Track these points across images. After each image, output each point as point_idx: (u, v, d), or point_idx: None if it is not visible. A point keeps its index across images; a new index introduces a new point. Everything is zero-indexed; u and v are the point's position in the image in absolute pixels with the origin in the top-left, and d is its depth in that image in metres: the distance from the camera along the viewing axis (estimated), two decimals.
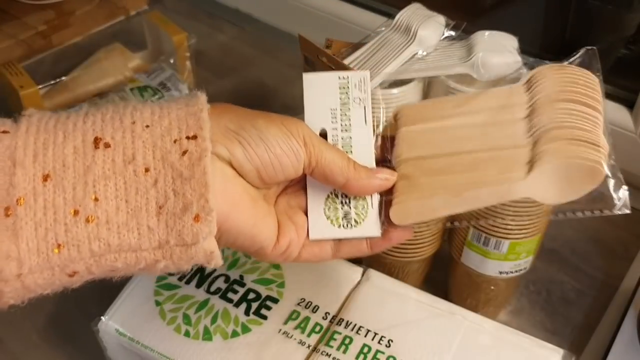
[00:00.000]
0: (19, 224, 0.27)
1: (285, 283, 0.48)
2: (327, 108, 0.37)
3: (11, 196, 0.27)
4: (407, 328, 0.45)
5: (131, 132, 0.29)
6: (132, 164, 0.28)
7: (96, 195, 0.28)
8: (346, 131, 0.36)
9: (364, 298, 0.47)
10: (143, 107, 0.30)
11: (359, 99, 0.37)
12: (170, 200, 0.29)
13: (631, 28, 0.73)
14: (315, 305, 0.46)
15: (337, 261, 0.50)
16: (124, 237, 0.28)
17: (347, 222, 0.36)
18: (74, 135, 0.29)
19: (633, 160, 0.69)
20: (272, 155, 0.32)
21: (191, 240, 0.29)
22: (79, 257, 0.28)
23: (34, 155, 0.28)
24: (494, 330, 0.45)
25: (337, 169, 0.34)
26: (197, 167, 0.29)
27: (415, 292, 0.47)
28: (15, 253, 0.27)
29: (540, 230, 0.49)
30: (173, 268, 0.30)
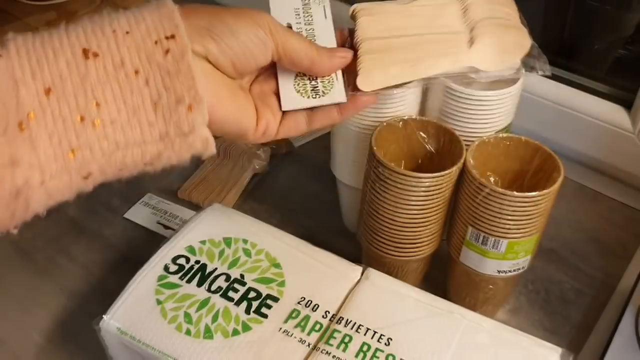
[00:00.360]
0: (34, 135, 0.29)
1: (285, 282, 0.48)
2: (290, 7, 0.42)
3: (21, 112, 0.29)
4: (407, 326, 0.45)
5: (115, 40, 0.31)
6: (123, 68, 0.31)
7: (97, 100, 0.30)
8: (309, 24, 0.41)
9: (364, 297, 0.47)
10: (119, 16, 0.32)
11: (317, 2, 0.42)
12: (163, 96, 0.31)
13: (629, 28, 0.73)
14: (315, 304, 0.46)
15: (337, 260, 0.50)
16: (129, 134, 0.31)
17: (315, 94, 0.39)
18: (62, 50, 0.31)
19: (631, 160, 0.69)
20: (243, 47, 0.35)
21: (188, 128, 0.32)
22: (92, 158, 0.31)
23: (31, 73, 0.30)
24: (493, 329, 0.45)
25: (302, 53, 0.37)
26: (181, 63, 0.32)
27: (414, 291, 0.48)
28: (36, 162, 0.29)
29: (538, 230, 0.49)
30: (175, 159, 0.33)
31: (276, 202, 0.69)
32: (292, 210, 0.68)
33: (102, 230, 0.67)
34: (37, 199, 0.30)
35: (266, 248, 0.51)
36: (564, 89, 0.72)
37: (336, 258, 0.50)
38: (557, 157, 0.49)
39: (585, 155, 0.72)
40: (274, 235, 0.52)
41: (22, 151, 0.29)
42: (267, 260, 0.50)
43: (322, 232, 0.66)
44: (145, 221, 0.67)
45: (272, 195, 0.71)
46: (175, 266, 0.49)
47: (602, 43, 0.77)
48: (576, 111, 0.71)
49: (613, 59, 0.77)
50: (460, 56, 0.39)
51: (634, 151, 0.68)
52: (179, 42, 0.32)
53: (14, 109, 0.29)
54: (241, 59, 0.35)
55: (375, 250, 0.53)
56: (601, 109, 0.70)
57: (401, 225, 0.50)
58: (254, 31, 0.35)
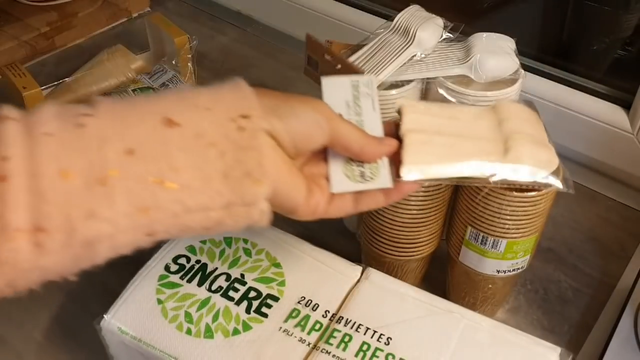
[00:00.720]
0: (113, 192, 0.31)
1: (285, 282, 0.48)
2: (342, 99, 0.45)
3: (104, 169, 0.31)
4: (406, 326, 0.45)
5: (196, 114, 0.34)
6: (201, 140, 0.34)
7: (174, 165, 0.33)
8: (358, 115, 0.44)
9: (364, 296, 0.47)
10: (200, 93, 0.36)
11: (367, 93, 0.45)
12: (235, 169, 0.34)
13: (628, 29, 0.73)
14: (315, 303, 0.47)
15: (337, 260, 0.50)
16: (198, 200, 0.33)
17: (362, 179, 0.42)
18: (147, 116, 0.33)
19: (630, 160, 0.69)
20: (304, 128, 0.38)
21: (251, 200, 0.35)
22: (160, 218, 0.33)
23: (117, 133, 0.32)
24: (492, 329, 0.45)
25: (353, 139, 0.40)
26: (253, 140, 0.35)
27: (414, 290, 0.48)
28: (110, 217, 0.31)
29: (537, 230, 0.49)
30: (232, 226, 0.36)
31: None
32: None
33: None
34: (103, 252, 0.32)
35: (266, 248, 0.51)
36: (563, 90, 0.73)
37: (336, 258, 0.50)
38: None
39: (584, 155, 0.73)
40: (274, 235, 0.52)
41: (99, 205, 0.31)
42: (267, 260, 0.50)
43: (322, 232, 0.66)
44: None
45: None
46: (176, 266, 0.49)
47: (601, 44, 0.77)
48: (575, 112, 0.71)
49: (612, 59, 0.77)
50: (496, 162, 0.42)
51: (632, 151, 0.69)
52: (253, 122, 0.35)
53: (97, 165, 0.31)
54: (301, 138, 0.38)
55: (375, 249, 0.54)
56: (600, 110, 0.70)
57: (401, 225, 0.51)
58: (313, 115, 0.39)
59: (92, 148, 0.31)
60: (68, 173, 0.30)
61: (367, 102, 0.45)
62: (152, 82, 0.76)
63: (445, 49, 0.56)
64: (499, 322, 0.46)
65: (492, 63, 0.53)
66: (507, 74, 0.53)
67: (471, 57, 0.53)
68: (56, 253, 0.31)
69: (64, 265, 0.32)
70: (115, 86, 0.80)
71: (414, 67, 0.54)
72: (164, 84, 0.76)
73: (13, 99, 0.75)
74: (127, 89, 0.74)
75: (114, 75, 0.81)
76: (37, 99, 0.72)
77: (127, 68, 0.82)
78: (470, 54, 0.54)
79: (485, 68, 0.53)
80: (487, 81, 0.53)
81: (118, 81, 0.81)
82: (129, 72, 0.82)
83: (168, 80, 0.76)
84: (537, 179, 0.43)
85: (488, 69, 0.53)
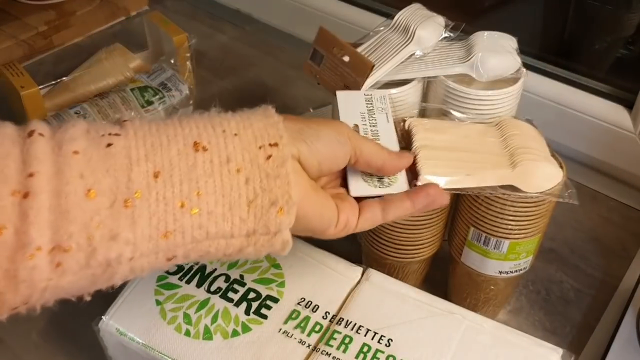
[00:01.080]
0: (136, 213, 0.31)
1: (285, 283, 0.48)
2: (357, 112, 0.47)
3: (130, 190, 0.31)
4: (407, 327, 0.45)
5: (224, 139, 0.34)
6: (227, 165, 0.34)
7: (199, 190, 0.33)
8: (374, 126, 0.46)
9: (364, 297, 0.47)
10: (229, 119, 0.36)
11: (381, 107, 0.48)
12: (259, 196, 0.34)
13: (630, 28, 0.73)
14: (315, 304, 0.46)
15: (337, 261, 0.50)
16: (220, 226, 0.33)
17: (381, 184, 0.44)
18: (175, 139, 0.33)
19: (632, 160, 0.69)
20: (328, 149, 0.39)
21: (275, 229, 0.34)
22: (181, 243, 0.32)
23: (145, 155, 0.32)
24: (494, 330, 0.45)
25: (375, 155, 0.41)
26: (281, 168, 0.34)
27: (414, 291, 0.47)
28: (132, 239, 0.31)
29: (540, 231, 0.49)
30: (253, 255, 0.36)
31: None
32: None
33: None
34: (121, 273, 0.32)
35: None
36: (565, 89, 0.72)
37: (336, 259, 0.50)
38: (558, 157, 0.49)
39: (586, 155, 0.72)
40: None
41: (122, 227, 0.31)
42: (266, 261, 0.50)
43: None
44: None
45: None
46: (174, 266, 0.49)
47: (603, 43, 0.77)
48: (577, 111, 0.71)
49: (614, 58, 0.77)
50: (505, 175, 0.45)
51: (634, 151, 0.68)
52: (281, 150, 0.35)
53: (123, 186, 0.31)
54: (326, 159, 0.39)
55: (376, 251, 0.53)
56: (602, 109, 0.70)
57: (402, 226, 0.50)
58: (336, 136, 0.39)
59: (118, 168, 0.31)
60: (93, 192, 0.30)
61: (382, 115, 0.47)
62: (151, 81, 0.75)
63: (446, 47, 0.56)
64: (501, 323, 0.46)
65: (493, 62, 0.53)
66: (509, 73, 0.53)
67: (472, 56, 0.53)
68: (74, 273, 0.30)
69: (81, 285, 0.31)
70: (114, 85, 0.79)
71: (414, 66, 0.54)
72: (162, 83, 0.75)
73: (11, 98, 0.75)
74: (125, 88, 0.74)
75: (112, 75, 0.81)
76: (35, 98, 0.72)
77: (126, 67, 0.82)
78: (472, 52, 0.53)
79: (486, 67, 0.52)
80: (488, 80, 0.52)
81: (116, 80, 0.80)
82: (127, 71, 0.82)
83: (166, 79, 0.76)
84: (545, 190, 0.45)
85: (489, 68, 0.52)
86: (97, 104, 0.71)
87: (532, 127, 0.51)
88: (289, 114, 0.39)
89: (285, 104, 0.83)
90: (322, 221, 0.39)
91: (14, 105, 0.75)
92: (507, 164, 0.46)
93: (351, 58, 0.51)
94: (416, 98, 0.55)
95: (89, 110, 0.70)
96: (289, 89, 0.86)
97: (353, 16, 0.88)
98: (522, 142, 0.48)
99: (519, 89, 0.53)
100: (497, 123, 0.50)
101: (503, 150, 0.47)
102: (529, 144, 0.48)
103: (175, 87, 0.75)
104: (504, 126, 0.49)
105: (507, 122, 0.50)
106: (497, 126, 0.50)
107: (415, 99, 0.54)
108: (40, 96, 0.73)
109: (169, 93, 0.74)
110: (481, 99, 0.51)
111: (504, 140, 0.48)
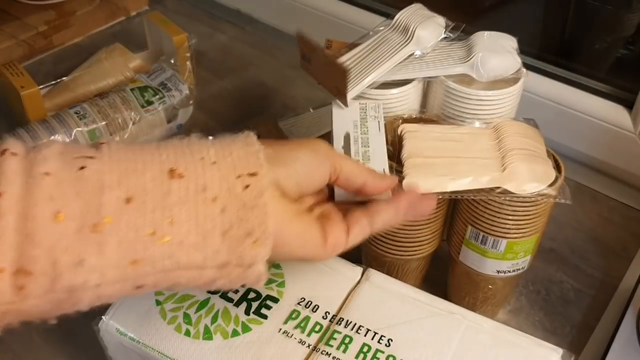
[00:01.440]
0: (104, 239, 0.30)
1: (285, 282, 0.48)
2: (350, 120, 0.49)
3: (100, 215, 0.30)
4: (407, 327, 0.45)
5: (202, 167, 0.33)
6: (203, 194, 0.32)
7: (172, 218, 0.31)
8: (365, 134, 0.48)
9: (364, 298, 0.47)
10: (209, 146, 0.35)
11: (374, 116, 0.49)
12: (234, 227, 0.33)
13: (630, 28, 0.73)
14: (315, 304, 0.46)
15: (337, 261, 0.50)
16: (192, 257, 0.32)
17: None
18: (152, 164, 0.32)
19: (632, 160, 0.69)
20: (307, 169, 0.38)
21: (249, 262, 0.33)
22: (150, 272, 0.31)
23: (118, 179, 0.31)
24: (494, 330, 0.45)
25: (356, 173, 0.41)
26: (258, 199, 0.33)
27: (414, 291, 0.47)
28: (99, 266, 0.30)
29: (538, 231, 0.49)
30: (227, 286, 0.34)
31: None
32: None
33: None
34: (87, 300, 0.31)
35: None
36: (565, 89, 0.72)
37: (336, 258, 0.50)
38: (558, 157, 0.49)
39: (586, 155, 0.72)
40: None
41: (89, 252, 0.30)
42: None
43: None
44: None
45: None
46: None
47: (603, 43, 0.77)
48: (577, 111, 0.71)
49: (614, 58, 0.77)
50: (494, 178, 0.45)
51: (634, 151, 0.68)
52: (259, 180, 0.34)
53: (94, 210, 0.30)
54: (305, 179, 0.38)
55: (375, 249, 0.53)
56: (602, 109, 0.70)
57: (401, 224, 0.50)
58: (313, 155, 0.39)
59: (89, 192, 0.30)
60: (62, 215, 0.29)
61: (374, 124, 0.48)
62: (151, 81, 0.75)
63: (447, 47, 0.56)
64: (501, 323, 0.46)
65: (493, 62, 0.53)
66: (509, 73, 0.53)
67: (473, 56, 0.53)
68: (38, 297, 0.29)
69: (45, 309, 0.30)
70: (113, 85, 0.79)
71: (414, 66, 0.54)
72: (162, 83, 0.75)
73: (11, 98, 0.75)
74: (125, 88, 0.74)
75: (112, 75, 0.81)
76: (35, 98, 0.72)
77: (126, 67, 0.82)
78: (472, 52, 0.53)
79: (486, 67, 0.52)
80: (488, 80, 0.52)
81: (116, 80, 0.80)
82: (127, 71, 0.81)
83: (166, 79, 0.76)
84: (533, 191, 0.45)
85: (490, 68, 0.53)
86: (97, 104, 0.71)
87: (530, 127, 0.50)
88: (289, 113, 0.39)
89: (285, 104, 0.83)
90: (305, 248, 0.38)
91: (14, 105, 0.75)
92: (498, 166, 0.46)
93: (327, 63, 0.51)
94: (416, 98, 0.55)
95: (89, 110, 0.70)
96: (289, 88, 0.86)
97: (353, 16, 0.88)
98: (516, 143, 0.48)
99: (519, 89, 0.53)
100: (494, 126, 0.50)
101: (496, 153, 0.47)
102: (522, 145, 0.47)
103: (175, 87, 0.75)
104: (500, 129, 0.49)
105: (503, 124, 0.50)
106: (494, 129, 0.50)
107: (415, 99, 0.54)
108: (40, 96, 0.73)
109: (169, 93, 0.74)
110: (481, 99, 0.51)
111: (498, 143, 0.48)
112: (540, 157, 0.47)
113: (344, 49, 0.57)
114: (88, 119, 0.69)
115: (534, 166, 0.46)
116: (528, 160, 0.46)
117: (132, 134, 0.71)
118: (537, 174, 0.46)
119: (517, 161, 0.46)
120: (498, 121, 0.50)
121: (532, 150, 0.48)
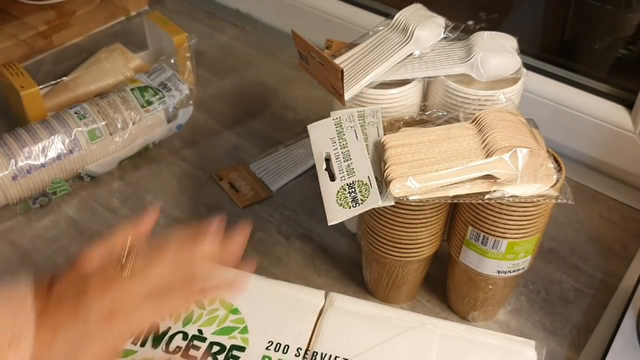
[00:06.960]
0: None
1: (247, 328, 0.46)
2: (327, 138, 0.49)
3: None
4: (383, 347, 0.44)
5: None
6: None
7: None
8: (344, 147, 0.48)
9: (333, 326, 0.45)
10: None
11: (350, 127, 0.49)
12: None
13: (630, 28, 0.73)
14: (284, 345, 0.44)
15: (296, 288, 0.48)
16: None
17: (355, 204, 0.44)
18: None
19: (632, 160, 0.69)
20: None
21: None
22: None
23: None
24: (467, 334, 0.45)
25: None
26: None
27: (380, 308, 0.47)
28: None
29: (538, 231, 0.49)
30: None
31: (276, 203, 0.69)
32: (292, 210, 0.68)
33: (102, 230, 0.67)
34: None
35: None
36: (565, 89, 0.72)
37: (295, 286, 0.48)
38: (558, 157, 0.49)
39: (586, 155, 0.72)
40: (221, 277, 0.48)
41: None
42: (223, 308, 0.47)
43: (321, 232, 0.66)
44: None
45: (272, 195, 0.71)
46: None
47: (603, 43, 0.77)
48: (577, 111, 0.71)
49: (614, 58, 0.77)
50: (480, 165, 0.45)
51: (634, 151, 0.68)
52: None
53: None
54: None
55: (376, 251, 0.53)
56: (602, 109, 0.70)
57: (402, 225, 0.50)
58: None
59: None
60: None
61: (351, 134, 0.48)
62: (151, 81, 0.75)
63: (447, 47, 0.56)
64: (470, 324, 0.45)
65: (493, 62, 0.53)
66: (509, 72, 0.53)
67: (473, 56, 0.53)
68: None
69: None
70: (113, 85, 0.79)
71: (414, 66, 0.54)
72: (162, 83, 0.75)
73: (11, 98, 0.75)
74: (125, 88, 0.74)
75: (112, 74, 0.81)
76: (35, 98, 0.72)
77: (125, 67, 0.82)
78: (472, 52, 0.53)
79: (486, 67, 0.52)
80: (488, 80, 0.52)
81: (116, 80, 0.80)
82: (127, 71, 0.81)
83: (166, 79, 0.76)
84: (533, 193, 0.44)
85: (490, 68, 0.53)
86: (97, 104, 0.71)
87: (508, 113, 0.49)
88: (288, 113, 0.37)
89: (285, 103, 0.82)
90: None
91: (14, 105, 0.75)
92: (481, 155, 0.45)
93: (323, 62, 0.51)
94: (416, 98, 0.55)
95: (89, 110, 0.70)
96: (289, 88, 0.86)
97: (353, 16, 0.88)
98: (504, 139, 0.46)
99: (519, 89, 0.53)
100: (474, 119, 0.49)
101: (479, 144, 0.46)
102: (514, 142, 0.46)
103: (175, 87, 0.75)
104: (480, 120, 0.48)
105: (482, 115, 0.48)
106: (475, 121, 0.48)
107: (415, 99, 0.54)
108: (40, 96, 0.73)
109: (169, 93, 0.74)
110: (481, 99, 0.51)
111: (484, 142, 0.47)
112: (520, 134, 0.47)
113: (343, 49, 0.57)
114: (88, 118, 0.69)
115: (516, 143, 0.45)
116: (509, 140, 0.46)
117: (132, 134, 0.71)
118: (523, 152, 0.45)
119: (500, 149, 0.45)
120: (478, 113, 0.49)
121: (511, 131, 0.47)
